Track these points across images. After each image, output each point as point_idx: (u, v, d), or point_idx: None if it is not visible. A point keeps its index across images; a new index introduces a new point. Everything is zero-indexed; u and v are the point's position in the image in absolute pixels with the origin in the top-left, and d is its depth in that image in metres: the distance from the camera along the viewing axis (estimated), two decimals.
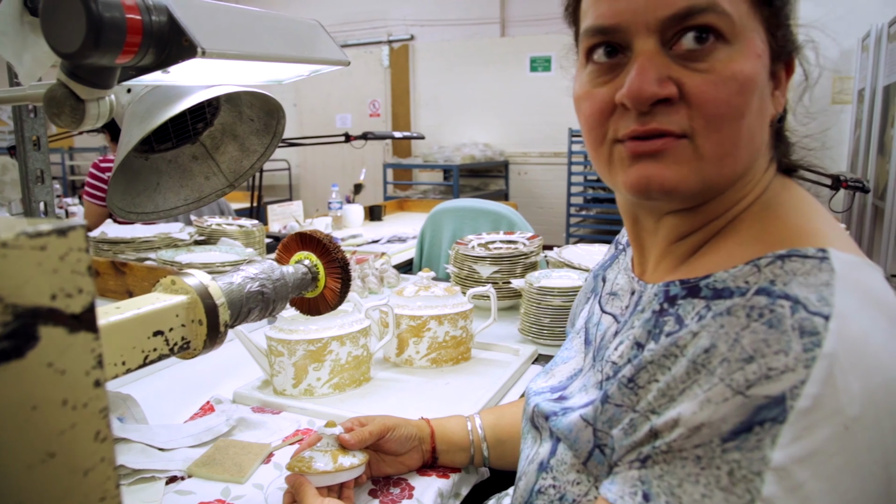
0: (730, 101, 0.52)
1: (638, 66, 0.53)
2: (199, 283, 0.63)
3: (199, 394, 1.19)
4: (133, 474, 0.89)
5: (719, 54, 0.52)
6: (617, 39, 0.55)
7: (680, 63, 0.53)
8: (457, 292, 1.35)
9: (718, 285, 0.52)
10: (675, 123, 0.53)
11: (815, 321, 0.44)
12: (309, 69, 0.84)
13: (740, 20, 0.53)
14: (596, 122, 0.57)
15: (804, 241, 0.51)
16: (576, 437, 0.59)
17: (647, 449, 0.50)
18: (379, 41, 7.05)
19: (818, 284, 0.47)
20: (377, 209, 3.71)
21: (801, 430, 0.42)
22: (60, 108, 0.60)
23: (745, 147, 0.55)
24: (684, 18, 0.52)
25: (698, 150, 0.53)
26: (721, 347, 0.47)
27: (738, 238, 0.56)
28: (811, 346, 0.43)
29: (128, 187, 0.89)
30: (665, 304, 0.55)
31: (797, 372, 0.43)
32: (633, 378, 0.53)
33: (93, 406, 0.34)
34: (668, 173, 0.54)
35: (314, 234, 0.80)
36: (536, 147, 6.50)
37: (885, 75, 4.10)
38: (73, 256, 0.32)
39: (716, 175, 0.54)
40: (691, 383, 0.48)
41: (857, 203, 4.58)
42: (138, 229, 2.07)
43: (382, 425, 0.88)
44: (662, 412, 0.49)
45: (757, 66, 0.54)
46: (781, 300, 0.46)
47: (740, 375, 0.45)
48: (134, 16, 0.55)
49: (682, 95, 0.52)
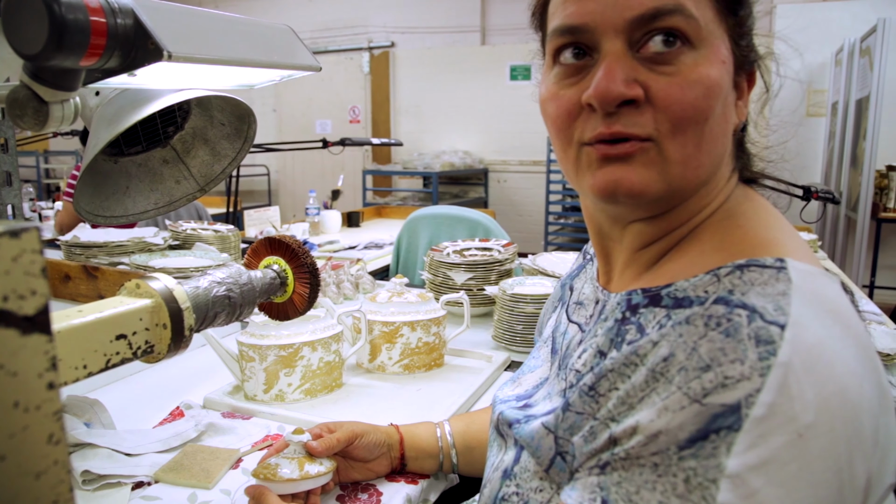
0: (695, 104, 0.52)
1: (605, 67, 0.53)
2: (163, 287, 0.63)
3: (170, 399, 1.18)
4: (98, 480, 0.88)
5: (685, 58, 0.53)
6: (584, 40, 0.55)
7: (646, 66, 0.53)
8: (430, 298, 1.35)
9: (679, 294, 0.52)
10: (640, 126, 0.53)
11: (771, 330, 0.45)
12: (280, 74, 0.84)
13: (706, 26, 0.53)
14: (563, 123, 0.57)
15: (763, 251, 0.52)
16: (538, 444, 0.59)
17: (606, 456, 0.50)
18: (359, 48, 7.06)
19: (775, 294, 0.47)
20: (355, 215, 3.70)
21: (756, 438, 0.42)
22: (23, 109, 0.60)
23: (707, 152, 0.55)
24: (652, 20, 0.52)
25: (663, 153, 0.54)
26: (679, 356, 0.47)
27: (700, 247, 0.57)
28: (766, 355, 0.44)
29: (96, 191, 0.89)
30: (627, 312, 0.56)
31: (752, 380, 0.43)
32: (594, 386, 0.53)
33: (46, 409, 0.33)
34: (634, 177, 0.54)
35: (283, 239, 0.80)
36: (516, 155, 6.53)
37: (858, 89, 4.18)
38: (27, 258, 0.32)
39: (680, 179, 0.55)
40: (650, 391, 0.48)
41: (830, 214, 4.66)
42: (112, 233, 2.05)
43: (351, 432, 0.88)
44: (622, 420, 0.49)
45: (722, 71, 0.54)
46: (739, 309, 0.47)
47: (697, 384, 0.45)
48: (98, 18, 0.55)
49: (648, 98, 0.53)
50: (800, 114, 5.01)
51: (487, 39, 6.58)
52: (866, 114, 3.85)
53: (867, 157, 3.83)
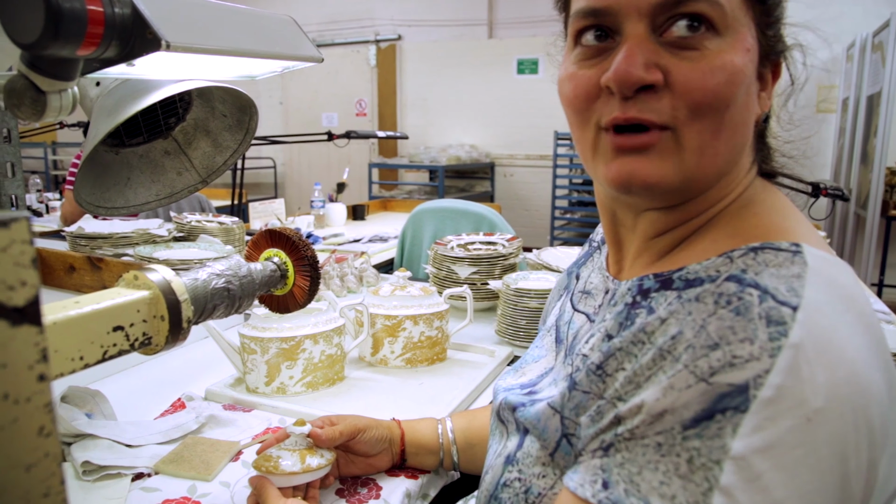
0: (716, 90, 0.51)
1: (626, 50, 0.52)
2: (161, 279, 0.63)
3: (171, 391, 1.18)
4: (98, 470, 0.88)
5: (709, 44, 0.52)
6: (607, 22, 0.54)
7: (669, 50, 0.52)
8: (433, 292, 1.34)
9: (690, 276, 0.51)
10: (657, 112, 0.52)
11: (783, 311, 0.44)
12: (282, 65, 0.84)
13: (732, 12, 0.52)
14: (581, 104, 0.56)
15: (778, 236, 0.51)
16: (544, 426, 0.58)
17: (609, 436, 0.49)
18: (366, 40, 7.04)
19: (789, 276, 0.47)
20: (360, 208, 3.70)
21: (763, 421, 0.42)
22: (20, 99, 0.59)
23: (726, 140, 0.54)
24: (676, 4, 0.51)
25: (680, 140, 0.53)
26: (687, 333, 0.46)
27: (714, 235, 0.56)
28: (777, 336, 0.43)
29: (97, 182, 0.88)
30: (638, 296, 0.55)
31: (762, 361, 0.43)
32: (602, 365, 0.53)
33: (36, 401, 0.33)
34: (650, 168, 0.53)
35: (284, 232, 0.79)
36: (522, 149, 6.51)
37: (869, 85, 4.15)
38: (16, 248, 0.32)
39: (696, 168, 0.54)
40: (657, 370, 0.47)
41: (840, 211, 4.63)
42: (116, 225, 2.06)
43: (353, 426, 0.88)
44: (628, 399, 0.49)
45: (746, 59, 0.53)
46: (750, 288, 0.46)
47: (704, 362, 0.44)
48: (95, 7, 0.54)
49: (668, 84, 0.52)
50: (810, 109, 4.98)
51: (495, 33, 6.55)
52: (878, 110, 3.82)
53: (878, 154, 3.80)
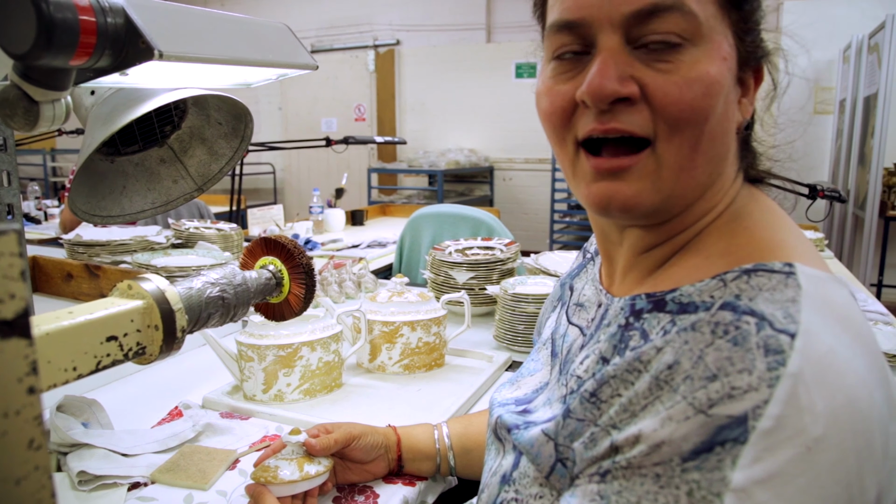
0: (693, 103, 0.51)
1: (599, 63, 0.51)
2: (155, 289, 0.63)
3: (169, 399, 1.18)
4: (94, 480, 0.88)
5: (684, 55, 0.51)
6: (581, 35, 0.53)
7: (644, 62, 0.51)
8: (430, 298, 1.34)
9: (684, 299, 0.51)
10: (637, 124, 0.51)
11: (781, 339, 0.44)
12: (277, 73, 0.84)
13: (707, 21, 0.52)
14: (558, 120, 0.56)
15: (771, 255, 0.50)
16: (537, 451, 0.58)
17: (607, 463, 0.49)
18: (365, 46, 7.05)
19: (784, 301, 0.46)
20: (359, 213, 3.70)
21: (763, 451, 0.41)
22: (13, 109, 0.59)
23: (705, 153, 0.53)
24: (649, 16, 0.50)
25: (659, 158, 0.52)
26: (685, 364, 0.46)
27: (706, 251, 0.55)
28: (775, 365, 0.43)
29: (92, 190, 0.88)
30: (631, 318, 0.55)
31: (760, 391, 0.42)
32: (596, 392, 0.52)
33: (26, 413, 0.33)
34: (628, 191, 0.53)
35: (279, 240, 0.79)
36: (521, 153, 6.52)
37: (866, 86, 4.15)
38: (5, 261, 0.31)
39: (675, 186, 0.54)
40: (653, 399, 0.47)
41: (838, 212, 4.63)
42: (114, 232, 2.06)
43: (348, 433, 0.87)
44: (623, 427, 0.48)
45: (723, 69, 0.52)
46: (747, 316, 0.45)
47: (703, 394, 0.44)
48: (88, 17, 0.54)
49: (645, 96, 0.51)
50: (807, 111, 4.99)
51: (493, 37, 6.56)
52: (874, 111, 3.83)
53: (875, 155, 3.80)
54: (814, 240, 2.65)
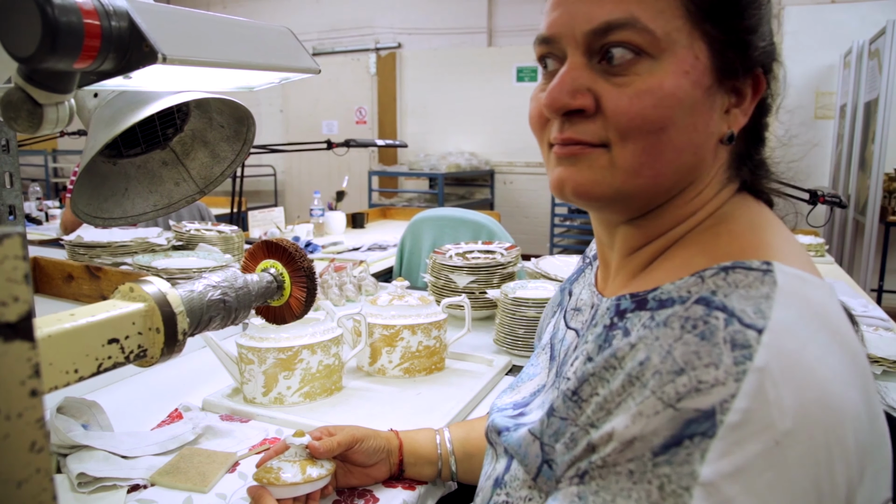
0: (643, 113, 0.53)
1: (558, 78, 0.56)
2: (157, 291, 0.63)
3: (169, 401, 1.18)
4: (94, 482, 0.88)
5: (640, 68, 0.53)
6: (555, 50, 0.58)
7: (603, 76, 0.55)
8: (431, 302, 1.34)
9: (664, 297, 0.52)
10: (590, 134, 0.55)
11: (748, 334, 0.44)
12: (279, 76, 0.84)
13: (667, 36, 0.53)
14: (535, 124, 0.62)
15: (751, 254, 0.51)
16: (525, 451, 0.59)
17: (584, 464, 0.49)
18: (366, 48, 7.06)
19: (758, 297, 0.47)
20: (360, 216, 3.70)
21: (731, 445, 0.42)
22: (17, 112, 0.59)
23: (667, 161, 0.55)
24: (605, 33, 0.53)
25: (613, 159, 0.55)
26: (654, 359, 0.47)
27: (688, 252, 0.57)
28: (742, 360, 0.43)
29: (94, 192, 0.88)
30: (615, 318, 0.55)
31: (727, 385, 0.43)
32: (577, 391, 0.53)
33: (28, 416, 0.33)
34: (579, 177, 0.57)
35: (280, 243, 0.79)
36: (522, 157, 6.53)
37: (866, 91, 4.16)
38: (9, 264, 0.31)
39: (631, 185, 0.56)
40: (626, 396, 0.47)
41: (838, 218, 4.63)
42: (116, 234, 2.06)
43: (351, 436, 0.87)
44: (600, 426, 0.49)
45: (682, 81, 0.53)
46: (717, 311, 0.46)
47: (671, 388, 0.44)
48: (92, 20, 0.54)
49: (600, 108, 0.54)
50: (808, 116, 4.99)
51: (494, 41, 6.57)
52: (875, 117, 3.83)
53: (876, 161, 3.81)
54: (814, 245, 2.65)
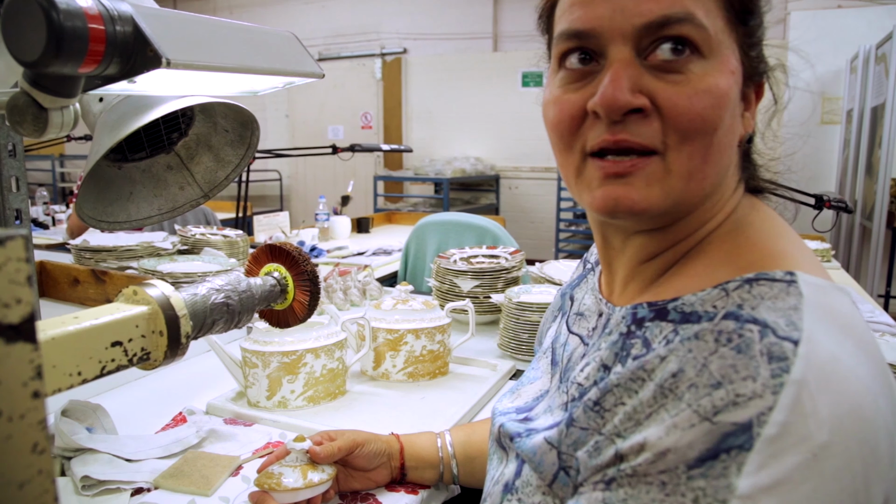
0: (703, 114, 0.51)
1: (612, 74, 0.52)
2: (160, 294, 0.63)
3: (173, 404, 1.18)
4: (98, 485, 0.88)
5: (694, 67, 0.51)
6: (591, 45, 0.54)
7: (654, 74, 0.52)
8: (435, 306, 1.34)
9: (686, 309, 0.51)
10: (647, 136, 0.52)
11: (784, 346, 0.44)
12: (283, 81, 0.84)
13: (717, 35, 0.52)
14: (565, 129, 0.56)
15: (772, 264, 0.51)
16: (540, 459, 0.58)
17: (612, 471, 0.49)
18: (372, 54, 7.09)
19: (786, 308, 0.46)
20: (365, 221, 3.70)
21: (768, 458, 0.41)
22: (22, 116, 0.60)
23: (714, 164, 0.54)
24: (660, 27, 0.51)
25: (668, 166, 0.52)
26: (689, 372, 0.46)
27: (707, 260, 0.56)
28: (779, 372, 0.43)
29: (100, 196, 0.89)
30: (632, 326, 0.55)
31: (765, 398, 0.42)
32: (599, 401, 0.52)
33: (30, 418, 0.33)
34: (635, 194, 0.53)
35: (284, 247, 0.80)
36: (527, 161, 6.53)
37: (873, 96, 4.14)
38: (12, 266, 0.32)
39: (683, 192, 0.54)
40: (658, 408, 0.47)
41: (845, 223, 4.62)
42: (121, 238, 2.07)
43: (351, 440, 0.88)
44: (628, 436, 0.48)
45: (731, 82, 0.53)
46: (750, 324, 0.46)
47: (707, 401, 0.44)
48: (97, 25, 0.55)
49: (655, 107, 0.51)
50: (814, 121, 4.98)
51: (499, 46, 6.58)
52: (882, 122, 3.82)
53: (882, 166, 3.79)
54: (820, 250, 2.64)
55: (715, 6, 0.52)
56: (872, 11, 4.77)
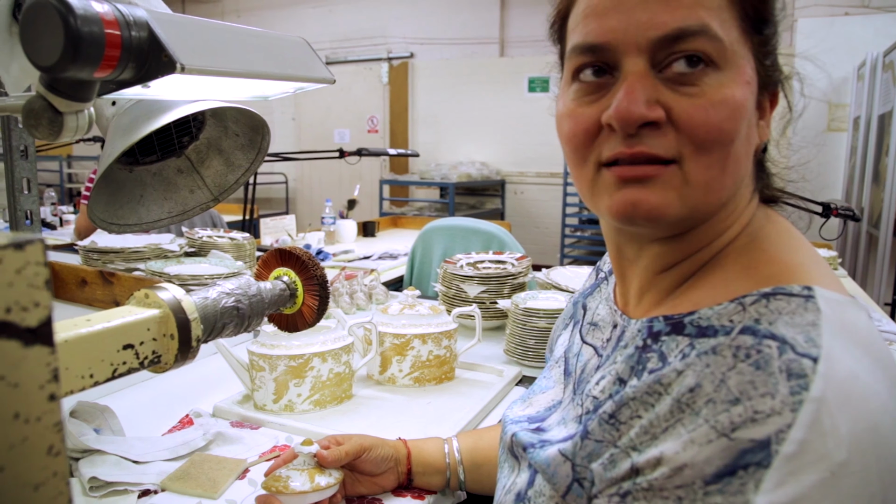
0: (720, 125, 0.51)
1: (626, 87, 0.52)
2: (172, 298, 0.63)
3: (180, 407, 1.18)
4: (105, 486, 0.88)
5: (709, 79, 0.51)
6: (605, 58, 0.54)
7: (669, 86, 0.52)
8: (442, 311, 1.35)
9: (703, 323, 0.51)
10: (663, 147, 0.52)
11: (804, 363, 0.44)
12: (294, 86, 0.85)
13: (731, 46, 0.52)
14: (580, 142, 0.56)
15: (789, 279, 0.50)
16: (554, 471, 0.58)
17: (627, 485, 0.49)
18: (379, 58, 7.10)
19: (805, 324, 0.46)
20: (371, 225, 3.71)
21: (786, 476, 0.41)
22: (38, 119, 0.60)
23: (731, 174, 0.54)
24: (675, 41, 0.51)
25: (686, 175, 0.52)
26: (707, 387, 0.46)
27: (723, 273, 0.56)
28: (798, 390, 0.43)
29: (111, 199, 0.89)
30: (648, 339, 0.55)
31: (783, 415, 0.42)
32: (615, 414, 0.52)
33: (46, 420, 0.33)
34: (654, 199, 0.53)
35: (293, 251, 0.80)
36: (533, 167, 6.53)
37: (880, 104, 4.13)
38: (31, 270, 0.32)
39: (701, 201, 0.54)
40: (675, 422, 0.47)
41: (852, 231, 4.60)
42: (129, 239, 2.07)
43: (359, 445, 0.88)
44: (644, 449, 0.48)
45: (746, 92, 0.53)
46: (768, 340, 0.46)
47: (725, 417, 0.44)
48: (113, 31, 0.55)
49: (670, 119, 0.51)
50: (821, 129, 4.97)
51: (506, 51, 6.59)
52: (889, 129, 3.80)
53: (889, 174, 3.78)
54: (827, 258, 2.64)
55: (730, 16, 0.52)
56: (880, 19, 4.76)
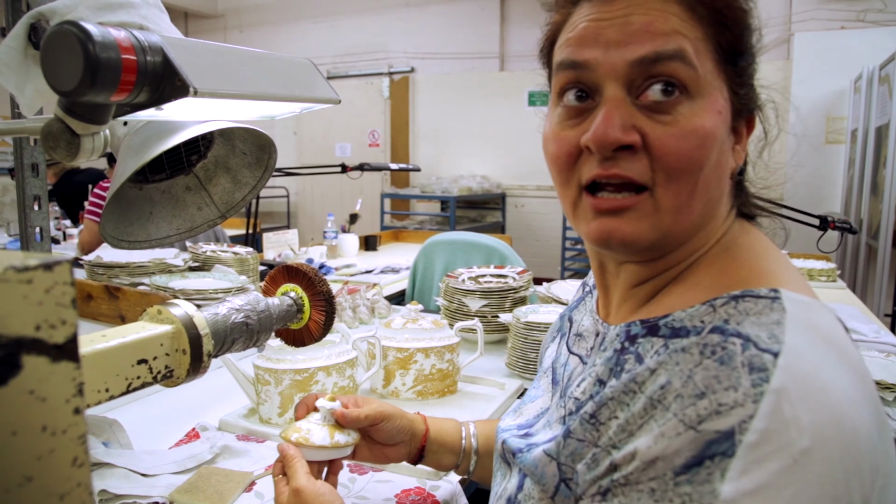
0: (690, 154, 0.54)
1: (604, 112, 0.55)
2: (184, 314, 0.65)
3: (186, 420, 1.20)
4: (115, 499, 0.90)
5: (683, 108, 0.55)
6: (586, 79, 0.57)
7: (645, 113, 0.55)
8: (444, 325, 1.36)
9: (676, 324, 0.54)
10: (637, 171, 0.55)
11: (765, 357, 0.47)
12: (300, 107, 0.87)
13: (705, 76, 0.55)
14: (563, 164, 0.60)
15: (758, 282, 0.54)
16: (541, 472, 0.60)
17: (606, 482, 0.51)
18: (380, 73, 7.15)
19: (769, 323, 0.49)
20: (372, 239, 3.72)
21: (750, 464, 0.44)
22: (56, 142, 0.62)
23: (700, 199, 0.57)
24: (652, 63, 0.54)
25: (657, 202, 0.56)
26: (675, 384, 0.49)
27: (697, 279, 0.59)
28: (759, 382, 0.45)
29: (121, 216, 0.91)
30: (626, 342, 0.58)
31: (745, 407, 0.45)
32: (595, 414, 0.55)
33: (71, 432, 0.35)
34: (627, 228, 0.57)
35: (300, 268, 0.82)
36: (533, 180, 6.55)
37: (877, 116, 4.16)
38: (59, 290, 0.34)
39: (672, 226, 0.57)
40: (648, 418, 0.50)
41: (851, 242, 4.62)
42: (134, 254, 2.09)
43: (378, 412, 0.86)
44: (622, 446, 0.51)
45: (717, 122, 0.56)
46: (733, 338, 0.49)
47: (692, 411, 0.47)
48: (129, 56, 0.57)
49: (645, 145, 0.55)
50: (819, 141, 5.00)
51: (506, 65, 6.64)
52: (886, 141, 3.83)
53: (888, 185, 3.80)
54: (826, 270, 2.65)
55: (705, 48, 0.56)
56: (876, 32, 4.80)
